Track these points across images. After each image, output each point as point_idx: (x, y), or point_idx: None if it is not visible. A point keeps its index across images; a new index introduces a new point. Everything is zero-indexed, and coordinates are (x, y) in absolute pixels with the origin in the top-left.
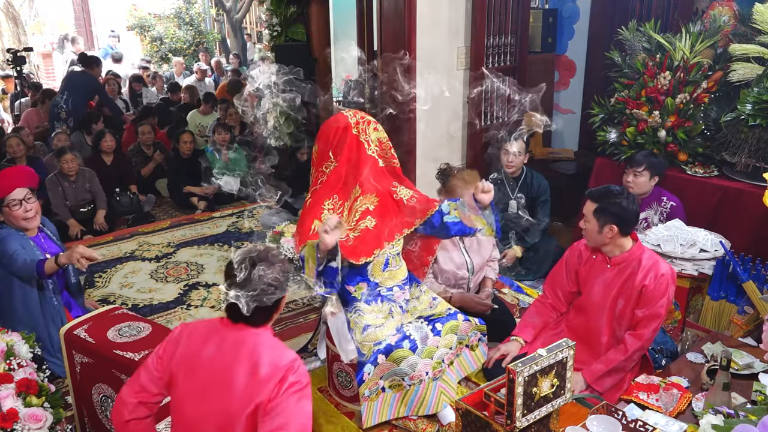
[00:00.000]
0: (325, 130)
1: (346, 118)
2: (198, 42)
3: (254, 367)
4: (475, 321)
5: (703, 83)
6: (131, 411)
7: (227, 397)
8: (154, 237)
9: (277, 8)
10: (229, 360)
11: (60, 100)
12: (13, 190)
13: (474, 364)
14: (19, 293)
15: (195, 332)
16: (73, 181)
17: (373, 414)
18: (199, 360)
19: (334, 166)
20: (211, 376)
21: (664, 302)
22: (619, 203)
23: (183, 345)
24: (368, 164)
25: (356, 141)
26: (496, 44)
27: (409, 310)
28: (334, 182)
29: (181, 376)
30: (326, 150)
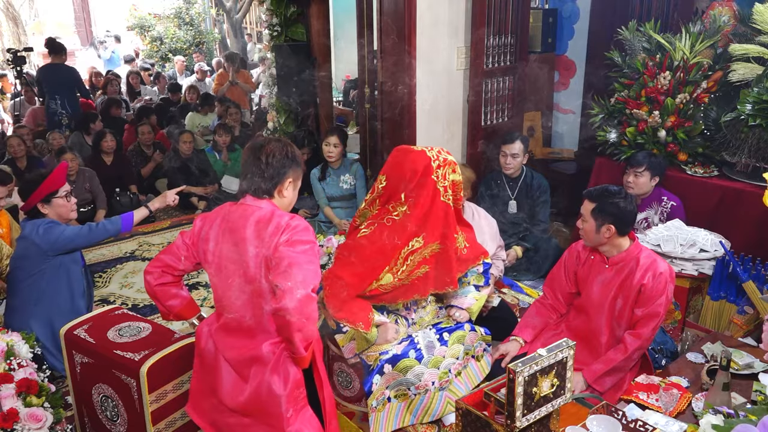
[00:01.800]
0: (402, 167)
1: (429, 159)
2: (198, 42)
3: (260, 233)
4: (481, 331)
5: (703, 83)
6: (157, 278)
7: (246, 265)
8: (154, 237)
9: (277, 8)
10: (240, 234)
11: (56, 105)
12: (64, 182)
13: (480, 375)
14: (64, 278)
15: (212, 220)
16: (73, 181)
17: (380, 425)
18: (219, 241)
19: (404, 211)
20: (230, 251)
21: (663, 301)
22: (616, 203)
23: (207, 233)
24: (440, 213)
25: (434, 188)
26: (496, 44)
27: (417, 321)
28: (401, 229)
29: (209, 260)
30: (398, 189)
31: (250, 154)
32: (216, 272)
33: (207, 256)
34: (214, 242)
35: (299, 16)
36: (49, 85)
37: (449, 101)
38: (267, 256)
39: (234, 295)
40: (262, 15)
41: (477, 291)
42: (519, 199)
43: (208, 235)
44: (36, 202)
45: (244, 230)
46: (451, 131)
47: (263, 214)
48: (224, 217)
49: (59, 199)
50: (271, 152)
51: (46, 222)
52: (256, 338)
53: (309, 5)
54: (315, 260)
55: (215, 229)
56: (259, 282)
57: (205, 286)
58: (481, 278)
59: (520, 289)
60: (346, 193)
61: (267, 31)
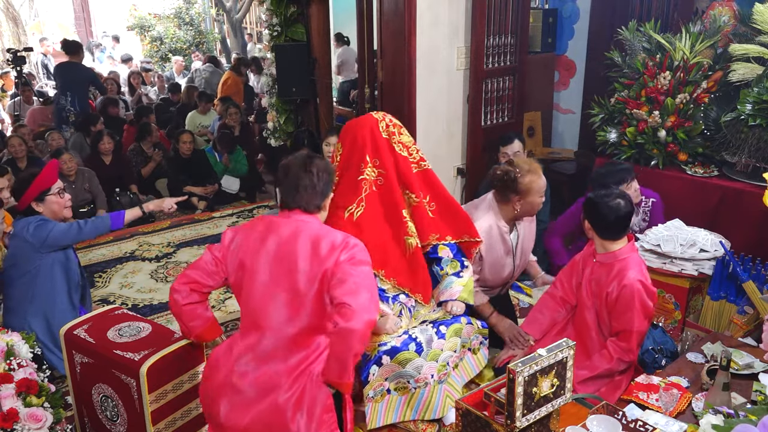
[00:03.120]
0: (354, 135)
1: (375, 120)
2: (198, 42)
3: (315, 248)
4: (478, 324)
5: (703, 83)
6: (185, 296)
7: (294, 279)
8: (154, 237)
9: (277, 8)
10: (291, 247)
11: (65, 102)
12: (56, 180)
13: (476, 367)
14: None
15: (251, 233)
16: (73, 181)
17: (378, 415)
18: (263, 254)
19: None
20: (278, 264)
21: (635, 316)
22: (597, 204)
23: (242, 245)
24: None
25: (389, 145)
26: (496, 44)
27: (414, 314)
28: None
29: (247, 272)
30: (362, 155)
31: (298, 170)
32: (254, 285)
33: (243, 269)
34: (253, 254)
35: (299, 16)
36: (63, 83)
37: (449, 101)
38: (325, 272)
39: (276, 309)
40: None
41: (458, 278)
42: None
43: (245, 247)
44: (30, 200)
45: (296, 244)
46: (451, 131)
47: (316, 230)
48: (268, 230)
49: (52, 196)
50: (321, 168)
51: (37, 219)
52: (288, 359)
53: (309, 5)
54: (375, 285)
55: (254, 241)
56: (307, 297)
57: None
58: (456, 263)
59: (519, 289)
60: None
61: (267, 31)
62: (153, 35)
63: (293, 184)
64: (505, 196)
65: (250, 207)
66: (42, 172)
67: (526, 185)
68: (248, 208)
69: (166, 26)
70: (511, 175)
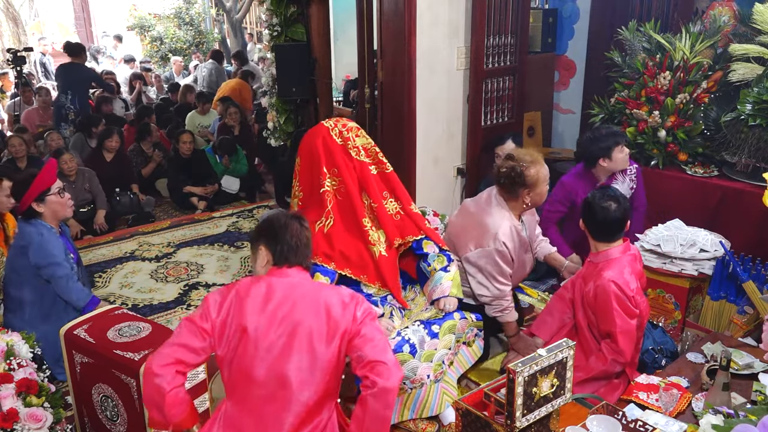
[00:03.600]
0: (306, 143)
1: (326, 129)
2: (198, 42)
3: (327, 307)
4: (472, 317)
5: (703, 83)
6: (171, 381)
7: (311, 341)
8: (154, 237)
9: (277, 8)
10: (300, 308)
11: (65, 100)
12: (55, 179)
13: (471, 359)
14: None
15: (247, 297)
16: (73, 182)
17: None
18: (268, 318)
19: (341, 187)
20: (289, 328)
21: (615, 316)
22: (591, 204)
23: (239, 312)
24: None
25: (344, 151)
26: (496, 44)
27: (406, 314)
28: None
29: (251, 340)
30: (318, 167)
31: (299, 228)
32: (259, 353)
33: (245, 337)
34: (257, 320)
35: (299, 16)
36: (64, 82)
37: (449, 101)
38: (345, 331)
39: (294, 375)
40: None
41: (446, 272)
42: None
43: (244, 313)
44: (30, 201)
45: (305, 304)
46: (451, 131)
47: (317, 287)
48: (269, 293)
49: (52, 196)
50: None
51: (47, 234)
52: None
53: (309, 5)
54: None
55: (255, 306)
56: (325, 360)
57: (205, 285)
58: (443, 258)
59: (520, 289)
60: None
61: (267, 31)
62: (153, 35)
63: (295, 243)
64: (514, 191)
65: (250, 207)
66: (41, 172)
67: (533, 176)
68: (248, 208)
69: (166, 26)
70: (516, 170)
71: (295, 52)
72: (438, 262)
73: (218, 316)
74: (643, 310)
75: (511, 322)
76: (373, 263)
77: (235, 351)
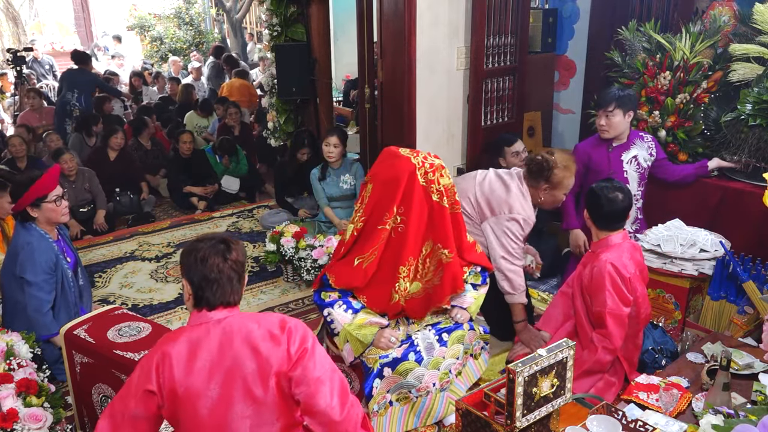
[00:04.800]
0: (387, 179)
1: (414, 167)
2: (198, 42)
3: (254, 345)
4: (480, 330)
5: (703, 83)
6: None
7: (248, 386)
8: (154, 237)
9: (277, 8)
10: (230, 354)
11: (71, 98)
12: (55, 187)
13: (477, 372)
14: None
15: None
16: (73, 182)
17: (383, 429)
18: (199, 373)
19: (400, 226)
20: (223, 377)
21: (607, 296)
22: (598, 195)
23: (169, 374)
24: (441, 217)
25: (425, 194)
26: (496, 44)
27: (415, 321)
28: (403, 244)
29: (184, 401)
30: (389, 203)
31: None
32: (199, 411)
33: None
34: (186, 379)
35: (299, 16)
36: (69, 84)
37: (449, 101)
38: (279, 373)
39: (238, 423)
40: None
41: (475, 290)
42: None
43: (173, 375)
44: (25, 205)
45: (233, 348)
46: (451, 131)
47: (245, 322)
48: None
49: (49, 203)
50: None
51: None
52: None
53: (309, 5)
54: (328, 358)
55: (182, 364)
56: (267, 401)
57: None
58: (479, 277)
59: None
60: (346, 193)
61: (267, 31)
62: (153, 35)
63: (215, 279)
64: (536, 181)
65: (250, 207)
66: (41, 178)
67: (558, 178)
68: (248, 208)
69: (166, 26)
70: (549, 164)
71: (295, 52)
72: (473, 278)
73: (163, 375)
74: (644, 308)
75: (521, 306)
76: (388, 304)
77: (177, 414)
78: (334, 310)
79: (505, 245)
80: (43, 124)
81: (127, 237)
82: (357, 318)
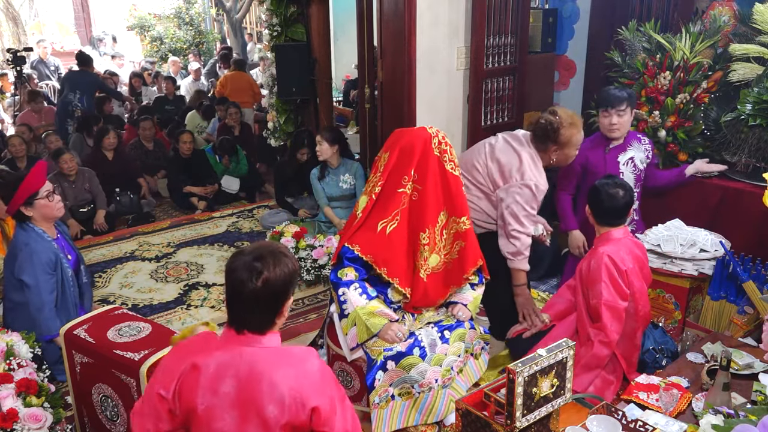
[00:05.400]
0: (404, 145)
1: (429, 135)
2: (198, 42)
3: (279, 402)
4: (480, 329)
5: (703, 83)
6: None
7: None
8: (154, 237)
9: (277, 8)
10: (254, 389)
11: (73, 98)
12: (44, 182)
13: (477, 372)
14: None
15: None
16: (73, 182)
17: (383, 422)
18: (221, 398)
19: (417, 190)
20: (241, 410)
21: (603, 287)
22: (599, 191)
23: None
24: (456, 186)
25: (439, 162)
26: (496, 44)
27: (417, 317)
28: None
29: (201, 420)
30: (407, 167)
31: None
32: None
33: (194, 416)
34: (207, 398)
35: (299, 16)
36: (72, 84)
37: (449, 101)
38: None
39: None
40: (262, 15)
41: (473, 289)
42: None
43: (194, 389)
44: (18, 205)
45: (260, 385)
46: (451, 131)
47: (275, 359)
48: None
49: (41, 200)
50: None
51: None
52: None
53: (309, 5)
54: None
55: (207, 382)
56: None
57: (205, 285)
58: (476, 276)
59: None
60: (345, 192)
61: (267, 31)
62: (153, 35)
63: (236, 296)
64: (544, 144)
65: (250, 207)
66: (28, 175)
67: (566, 137)
68: (248, 208)
69: (166, 26)
70: (554, 126)
71: (295, 52)
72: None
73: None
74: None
75: (523, 272)
76: (413, 276)
77: (190, 426)
78: (350, 291)
79: (517, 212)
80: (43, 123)
81: (127, 237)
82: (370, 304)
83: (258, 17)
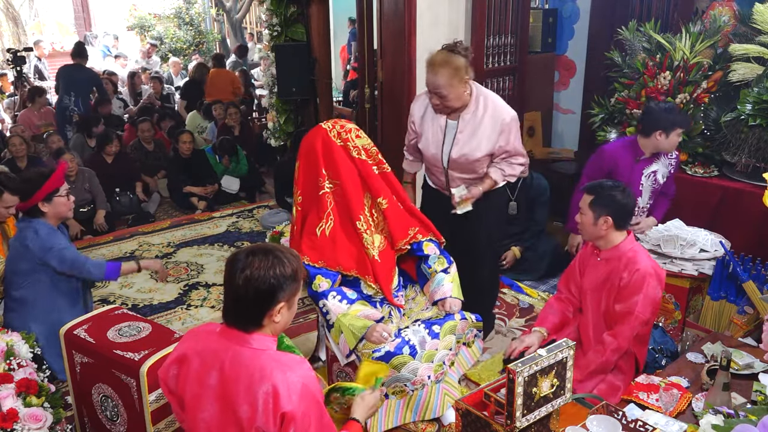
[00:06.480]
0: (306, 150)
1: (324, 131)
2: (198, 42)
3: (252, 388)
4: (472, 318)
5: (703, 83)
6: None
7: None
8: (154, 237)
9: (277, 8)
10: (232, 387)
11: (68, 102)
12: (63, 182)
13: (470, 360)
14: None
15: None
16: (73, 182)
17: (378, 422)
18: (206, 389)
19: (336, 185)
20: (220, 404)
21: (640, 299)
22: (613, 195)
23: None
24: (369, 172)
25: (345, 153)
26: (496, 44)
27: (406, 312)
28: (347, 201)
29: (189, 408)
30: (317, 169)
31: (233, 272)
32: (197, 423)
33: (183, 406)
34: (194, 388)
35: (299, 16)
36: (66, 83)
37: None
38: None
39: None
40: (262, 15)
41: (447, 274)
42: (519, 200)
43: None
44: (38, 200)
45: (237, 384)
46: None
47: (257, 363)
48: (213, 359)
49: (61, 197)
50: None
51: (48, 227)
52: None
53: (309, 5)
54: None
55: (195, 373)
56: None
57: (205, 285)
58: (443, 259)
59: (520, 289)
60: None
61: (267, 31)
62: (153, 35)
63: (227, 290)
64: None
65: (250, 207)
66: (55, 173)
67: None
68: (248, 208)
69: (166, 26)
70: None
71: (295, 52)
72: (438, 264)
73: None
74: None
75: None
76: (370, 265)
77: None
78: (329, 301)
79: (519, 148)
80: (44, 122)
81: (127, 237)
82: (351, 309)
83: (258, 17)
